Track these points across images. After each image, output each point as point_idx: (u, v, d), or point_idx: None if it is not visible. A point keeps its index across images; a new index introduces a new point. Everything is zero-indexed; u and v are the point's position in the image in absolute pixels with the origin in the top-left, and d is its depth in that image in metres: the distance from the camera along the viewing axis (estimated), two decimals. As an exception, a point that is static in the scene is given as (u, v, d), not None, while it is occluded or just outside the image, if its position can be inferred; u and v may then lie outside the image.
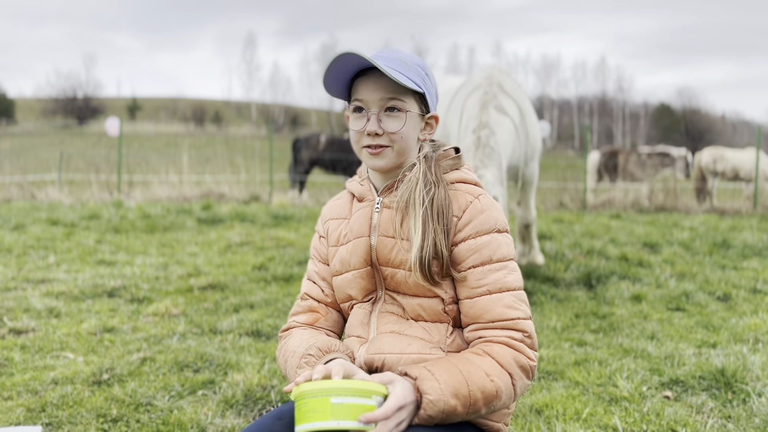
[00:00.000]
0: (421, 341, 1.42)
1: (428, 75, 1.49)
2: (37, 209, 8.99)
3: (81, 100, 72.03)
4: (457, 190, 1.45)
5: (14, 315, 3.68)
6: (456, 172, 1.51)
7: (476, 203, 1.42)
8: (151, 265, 5.30)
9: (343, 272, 1.50)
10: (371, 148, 1.44)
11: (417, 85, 1.43)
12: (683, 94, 76.02)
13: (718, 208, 10.81)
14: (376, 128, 1.42)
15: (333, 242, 1.55)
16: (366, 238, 1.47)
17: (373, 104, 1.42)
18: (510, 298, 1.37)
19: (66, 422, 2.28)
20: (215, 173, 14.00)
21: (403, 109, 1.43)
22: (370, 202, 1.51)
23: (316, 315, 1.56)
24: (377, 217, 1.48)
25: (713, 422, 2.32)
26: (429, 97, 1.47)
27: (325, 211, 1.64)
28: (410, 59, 1.47)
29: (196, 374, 2.81)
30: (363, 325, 1.49)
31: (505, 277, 1.38)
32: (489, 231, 1.40)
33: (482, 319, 1.36)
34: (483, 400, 1.25)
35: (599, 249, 6.09)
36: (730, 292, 4.52)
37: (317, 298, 1.58)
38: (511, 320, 1.35)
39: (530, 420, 2.33)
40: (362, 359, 1.44)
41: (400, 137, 1.43)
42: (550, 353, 3.16)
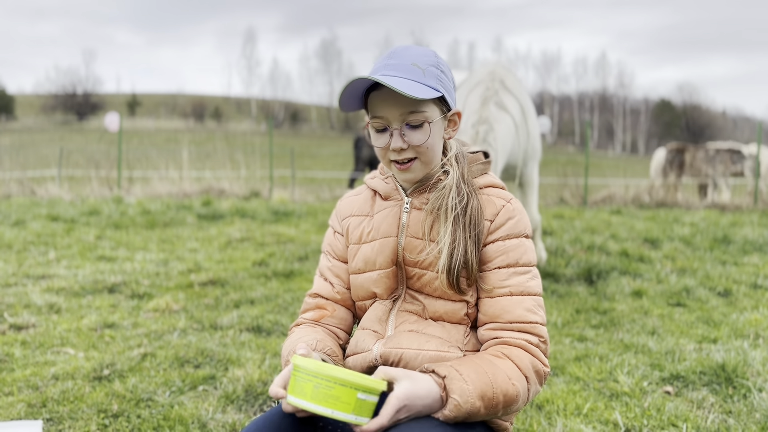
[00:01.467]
0: (439, 339, 1.41)
1: (444, 71, 1.45)
2: (37, 205, 8.99)
3: (81, 96, 71.96)
4: (489, 195, 1.45)
5: (15, 311, 3.68)
6: (485, 176, 1.50)
7: (508, 207, 1.42)
8: (152, 260, 5.30)
9: (367, 271, 1.49)
10: (399, 163, 1.42)
11: (436, 91, 1.39)
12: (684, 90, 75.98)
13: (718, 203, 10.81)
14: (401, 144, 1.40)
15: (354, 240, 1.53)
16: (394, 238, 1.46)
17: (394, 120, 1.39)
18: (531, 302, 1.37)
19: (67, 417, 2.28)
20: (215, 169, 14.00)
21: (425, 120, 1.40)
22: (398, 201, 1.49)
23: (322, 312, 1.55)
24: (406, 218, 1.46)
25: (714, 417, 2.32)
26: (448, 95, 1.44)
27: (343, 207, 1.60)
28: (424, 59, 1.42)
29: (196, 370, 2.80)
30: (381, 322, 1.49)
31: (528, 281, 1.38)
32: (518, 235, 1.41)
33: (501, 318, 1.37)
34: (503, 403, 1.26)
35: (600, 245, 6.09)
36: (730, 288, 4.52)
37: (326, 296, 1.56)
38: (529, 323, 1.35)
39: (531, 415, 2.33)
40: (378, 353, 1.43)
41: (426, 148, 1.41)
42: (551, 349, 3.16)
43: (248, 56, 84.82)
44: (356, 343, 1.51)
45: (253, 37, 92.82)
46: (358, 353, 1.49)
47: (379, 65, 1.42)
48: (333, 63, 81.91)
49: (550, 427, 2.22)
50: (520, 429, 2.19)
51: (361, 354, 1.47)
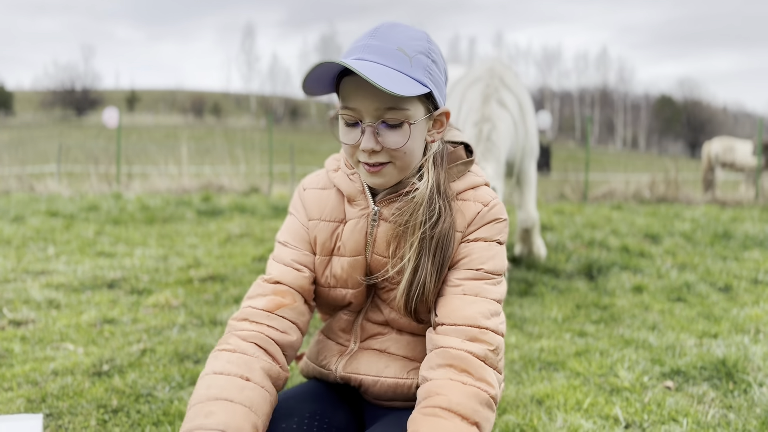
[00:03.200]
0: (401, 361, 1.35)
1: (435, 60, 1.22)
2: (36, 201, 8.98)
3: (79, 92, 71.87)
4: (465, 200, 1.29)
5: (14, 306, 3.68)
6: (465, 178, 1.32)
7: (484, 211, 1.28)
8: (151, 256, 5.29)
9: (339, 287, 1.37)
10: (369, 165, 1.23)
11: (423, 85, 1.18)
12: (685, 86, 75.91)
13: (719, 199, 10.80)
14: (373, 145, 1.19)
15: (326, 252, 1.36)
16: (362, 257, 1.33)
17: (368, 114, 1.18)
18: (485, 305, 1.23)
19: (66, 413, 2.27)
20: (214, 165, 13.99)
21: (406, 121, 1.19)
22: (364, 210, 1.32)
23: (280, 301, 1.32)
24: (374, 232, 1.31)
25: (714, 412, 2.32)
26: (437, 91, 1.23)
27: (310, 204, 1.39)
28: (413, 44, 1.20)
29: (196, 365, 2.80)
30: (345, 332, 1.42)
31: (486, 285, 1.25)
32: (488, 239, 1.28)
33: (449, 319, 1.22)
34: None
35: (600, 240, 6.08)
36: (731, 283, 4.51)
37: (289, 283, 1.34)
38: (478, 328, 1.20)
39: (531, 410, 2.33)
40: (339, 374, 1.39)
41: (403, 153, 1.21)
42: (551, 344, 3.16)
43: (247, 51, 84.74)
44: (318, 353, 1.46)
45: (252, 32, 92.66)
46: (321, 367, 1.44)
47: (359, 45, 1.20)
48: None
49: (550, 421, 2.22)
50: (521, 424, 2.19)
51: (323, 370, 1.43)
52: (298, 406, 1.32)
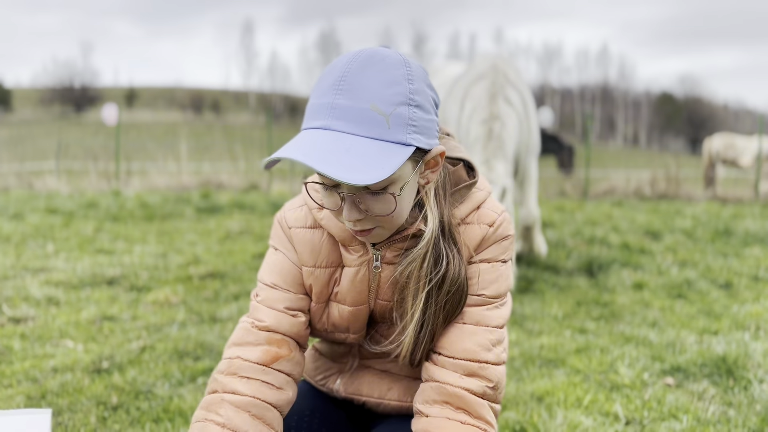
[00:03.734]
0: (405, 381, 1.30)
1: (419, 104, 1.04)
2: (35, 198, 8.97)
3: (78, 89, 71.81)
4: (469, 224, 1.19)
5: (13, 303, 3.67)
6: (469, 200, 1.20)
7: (489, 233, 1.18)
8: (150, 253, 5.29)
9: (338, 332, 1.28)
10: (357, 231, 1.11)
11: (404, 145, 1.02)
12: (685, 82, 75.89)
13: (720, 196, 10.80)
14: (356, 216, 1.06)
15: (323, 299, 1.24)
16: (365, 306, 1.23)
17: (347, 186, 1.05)
18: (485, 335, 1.15)
19: (66, 410, 2.27)
20: (214, 162, 13.99)
21: (390, 188, 1.05)
22: (364, 257, 1.19)
23: (276, 352, 1.19)
24: (376, 278, 1.20)
25: (714, 409, 2.32)
26: (424, 137, 1.06)
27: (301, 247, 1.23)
28: (388, 97, 1.00)
29: (196, 362, 2.79)
30: (344, 355, 1.37)
31: (487, 312, 1.17)
32: (492, 260, 1.19)
33: (446, 350, 1.15)
34: None
35: (601, 237, 6.08)
36: (731, 280, 4.51)
37: (286, 332, 1.21)
38: (477, 362, 1.14)
39: (531, 407, 2.32)
40: (341, 392, 1.35)
41: (391, 218, 1.08)
42: (552, 341, 3.15)
43: (246, 48, 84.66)
44: (314, 369, 1.42)
45: (251, 29, 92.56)
46: (320, 386, 1.39)
47: (323, 102, 1.02)
48: (332, 55, 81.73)
49: (550, 419, 2.22)
50: (521, 421, 2.18)
51: (322, 389, 1.39)
52: (298, 404, 1.31)
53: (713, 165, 12.37)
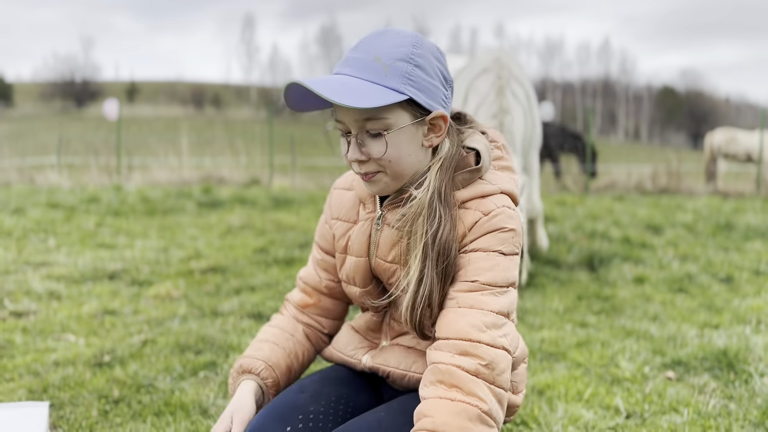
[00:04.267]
0: None
1: (420, 65, 1.19)
2: (36, 193, 8.98)
3: (79, 84, 71.78)
4: (467, 209, 1.24)
5: (15, 297, 3.68)
6: (472, 186, 1.26)
7: (482, 221, 1.22)
8: (152, 248, 5.29)
9: (350, 285, 1.42)
10: (362, 174, 1.25)
11: (397, 92, 1.16)
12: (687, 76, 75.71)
13: (721, 190, 10.78)
14: (357, 155, 1.21)
15: (340, 248, 1.42)
16: (365, 259, 1.34)
17: (351, 125, 1.20)
18: (479, 317, 1.17)
19: (68, 403, 2.27)
20: (215, 156, 13.97)
21: (385, 128, 1.18)
22: (371, 214, 1.34)
23: (306, 300, 1.53)
24: (376, 236, 1.32)
25: (715, 402, 2.32)
26: (424, 95, 1.20)
27: (335, 203, 1.45)
28: (391, 53, 1.18)
29: (197, 356, 2.80)
30: (373, 332, 1.45)
31: (481, 296, 1.19)
32: (488, 249, 1.21)
33: (441, 333, 1.19)
34: None
35: (602, 231, 6.07)
36: (733, 274, 4.50)
37: (312, 285, 1.53)
38: (469, 341, 1.15)
39: (532, 400, 2.33)
40: (367, 364, 1.41)
41: (388, 161, 1.20)
42: (552, 335, 3.16)
43: (248, 42, 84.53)
44: (346, 343, 1.48)
45: (252, 23, 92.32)
46: (347, 357, 1.46)
47: (343, 58, 1.24)
48: (333, 49, 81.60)
49: (551, 412, 2.22)
50: (521, 414, 2.19)
51: (350, 359, 1.46)
52: (326, 390, 1.37)
53: (715, 159, 12.35)
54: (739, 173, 14.08)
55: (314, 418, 1.28)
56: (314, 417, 1.28)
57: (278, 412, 1.28)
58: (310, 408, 1.30)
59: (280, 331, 1.50)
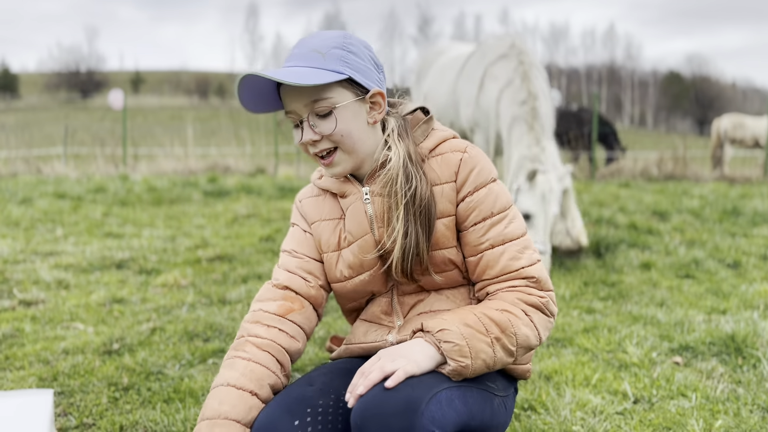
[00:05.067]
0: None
1: (353, 51, 1.34)
2: (43, 183, 9.01)
3: (84, 74, 71.78)
4: (442, 154, 1.38)
5: (24, 287, 3.70)
6: (432, 134, 1.42)
7: (465, 158, 1.36)
8: (159, 237, 5.31)
9: (356, 276, 1.42)
10: (322, 157, 1.36)
11: (337, 73, 1.30)
12: (693, 62, 75.12)
13: (728, 175, 10.72)
14: (311, 136, 1.33)
15: (332, 247, 1.45)
16: (369, 235, 1.40)
17: (301, 111, 1.33)
18: (513, 248, 1.33)
19: (78, 391, 2.29)
20: (220, 146, 13.98)
21: (331, 107, 1.31)
22: (356, 195, 1.41)
23: (290, 306, 1.43)
24: (371, 209, 1.39)
25: (723, 387, 2.32)
26: (360, 76, 1.33)
27: (308, 210, 1.50)
28: (325, 44, 1.33)
29: (205, 343, 2.81)
30: (387, 315, 1.45)
31: (505, 228, 1.34)
32: (484, 184, 1.36)
33: (487, 275, 1.34)
34: (497, 326, 1.24)
35: (608, 218, 6.06)
36: (740, 259, 4.49)
37: (297, 290, 1.45)
38: (515, 271, 1.32)
39: (539, 386, 2.33)
40: (395, 341, 1.41)
41: (340, 136, 1.32)
42: (559, 321, 3.16)
43: (251, 31, 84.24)
44: (365, 333, 1.48)
45: (255, 12, 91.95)
46: (369, 343, 1.45)
47: (287, 57, 1.37)
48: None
49: (558, 397, 2.22)
50: (529, 399, 2.19)
51: (374, 344, 1.44)
52: (335, 383, 1.35)
53: (722, 145, 12.26)
54: (746, 158, 13.98)
55: (323, 411, 1.26)
56: (323, 410, 1.27)
57: (287, 406, 1.26)
58: (318, 401, 1.28)
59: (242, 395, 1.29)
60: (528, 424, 2.03)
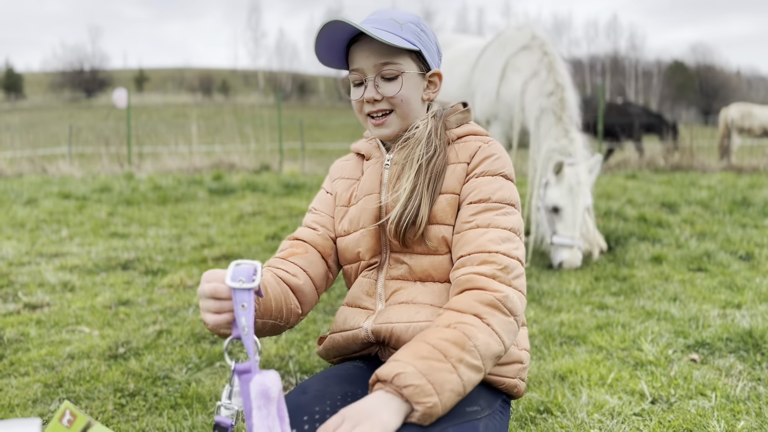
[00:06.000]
0: (430, 308, 1.37)
1: (425, 31, 1.45)
2: (48, 183, 8.99)
3: (88, 73, 71.85)
4: (466, 141, 1.45)
5: (29, 290, 3.67)
6: (465, 126, 1.49)
7: (485, 147, 1.42)
8: (164, 236, 5.27)
9: (352, 231, 1.47)
10: (374, 117, 1.43)
11: (411, 44, 1.39)
12: (697, 51, 74.61)
13: (735, 165, 10.62)
14: (373, 94, 1.40)
15: (343, 202, 1.53)
16: (376, 194, 1.45)
17: (369, 70, 1.40)
18: (496, 234, 1.31)
19: (84, 397, 2.25)
20: (225, 143, 13.93)
21: (399, 72, 1.40)
22: (379, 159, 1.50)
23: (293, 251, 1.49)
24: (387, 174, 1.46)
25: (743, 385, 2.26)
26: (427, 53, 1.44)
27: (334, 170, 1.62)
28: (403, 17, 1.42)
29: (213, 346, 2.77)
30: (369, 296, 1.45)
31: (497, 216, 1.34)
32: (494, 173, 1.39)
33: (464, 251, 1.32)
34: (453, 346, 1.13)
35: (617, 210, 5.99)
36: (752, 251, 4.42)
37: (304, 238, 1.52)
38: (488, 252, 1.28)
39: (554, 386, 2.28)
40: (369, 329, 1.40)
41: (400, 100, 1.41)
42: (571, 317, 3.10)
43: (254, 27, 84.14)
44: (344, 320, 1.48)
45: (258, 8, 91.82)
46: (348, 330, 1.46)
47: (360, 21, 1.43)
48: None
49: (574, 398, 2.17)
50: (544, 401, 2.14)
51: (351, 331, 1.44)
52: (330, 389, 1.32)
53: (729, 135, 12.15)
54: (753, 148, 13.84)
55: (320, 418, 1.23)
56: (320, 417, 1.23)
57: None
58: (315, 408, 1.25)
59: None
60: (545, 427, 1.98)
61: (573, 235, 4.07)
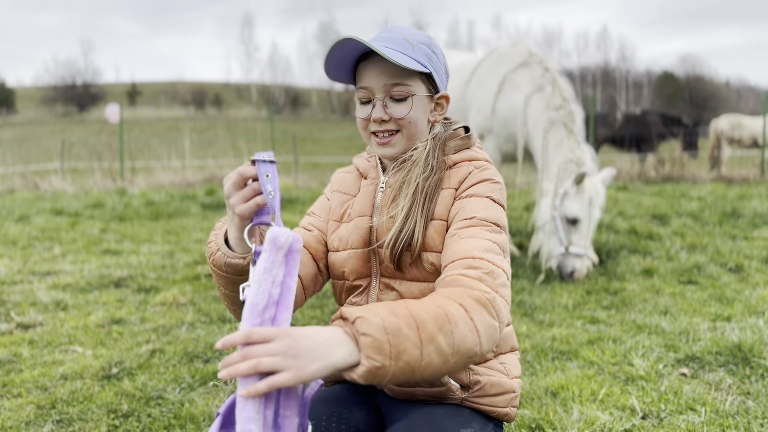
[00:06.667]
0: None
1: (435, 53, 1.43)
2: (40, 199, 8.97)
3: (80, 87, 71.82)
4: (459, 167, 1.42)
5: (21, 309, 3.66)
6: (464, 152, 1.46)
7: (475, 172, 1.40)
8: (157, 253, 5.27)
9: (340, 250, 1.46)
10: (379, 136, 1.41)
11: (423, 66, 1.37)
12: (686, 62, 75.31)
13: (725, 176, 10.70)
14: (381, 115, 1.38)
15: (336, 217, 1.51)
16: (368, 218, 1.43)
17: (378, 90, 1.38)
18: (480, 242, 1.26)
19: (77, 419, 2.25)
20: (217, 157, 13.92)
21: (409, 94, 1.38)
22: (374, 180, 1.48)
23: None
24: (381, 197, 1.43)
25: (732, 399, 2.28)
26: (437, 76, 1.42)
27: (335, 181, 1.61)
28: (415, 37, 1.41)
29: (206, 365, 2.78)
30: None
31: (482, 231, 1.29)
32: (482, 195, 1.36)
33: (447, 259, 1.27)
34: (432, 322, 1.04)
35: (608, 222, 6.03)
36: (742, 263, 4.46)
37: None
38: (473, 258, 1.22)
39: (546, 403, 2.30)
40: None
41: (408, 122, 1.39)
42: (563, 332, 3.12)
43: (246, 41, 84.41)
44: None
45: (250, 22, 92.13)
46: None
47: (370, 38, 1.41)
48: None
49: (566, 414, 2.19)
50: (536, 418, 2.16)
51: None
52: (314, 409, 1.32)
53: (719, 145, 12.26)
54: (743, 158, 13.97)
55: None
56: None
57: None
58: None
59: None
60: (535, 444, 1.99)
61: (586, 245, 4.15)
